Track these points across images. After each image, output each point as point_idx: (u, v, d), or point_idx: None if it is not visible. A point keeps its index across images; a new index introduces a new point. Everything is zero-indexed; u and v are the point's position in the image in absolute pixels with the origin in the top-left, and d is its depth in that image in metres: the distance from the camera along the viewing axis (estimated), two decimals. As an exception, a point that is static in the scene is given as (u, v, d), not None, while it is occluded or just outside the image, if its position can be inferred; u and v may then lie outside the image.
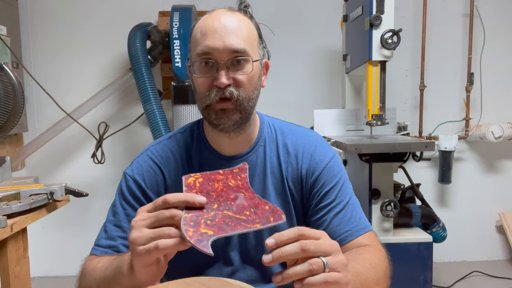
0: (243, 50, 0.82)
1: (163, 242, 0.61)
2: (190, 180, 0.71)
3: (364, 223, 0.91)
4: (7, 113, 1.57)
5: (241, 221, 0.64)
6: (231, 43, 0.81)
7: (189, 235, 0.61)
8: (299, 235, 0.61)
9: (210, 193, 0.69)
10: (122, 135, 2.69)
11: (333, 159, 0.95)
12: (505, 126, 2.63)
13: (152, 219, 0.63)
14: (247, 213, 0.66)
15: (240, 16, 0.87)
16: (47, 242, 2.76)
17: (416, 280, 1.99)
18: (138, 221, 0.64)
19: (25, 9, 2.69)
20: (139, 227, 0.63)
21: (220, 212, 0.65)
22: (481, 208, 2.85)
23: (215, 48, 0.81)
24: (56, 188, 1.36)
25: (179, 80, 2.30)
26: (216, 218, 0.64)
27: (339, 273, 0.61)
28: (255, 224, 0.64)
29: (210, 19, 0.85)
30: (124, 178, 0.93)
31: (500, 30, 2.76)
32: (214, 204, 0.67)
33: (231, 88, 0.82)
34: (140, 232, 0.63)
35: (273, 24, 2.57)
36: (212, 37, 0.82)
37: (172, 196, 0.64)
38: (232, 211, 0.66)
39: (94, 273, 0.80)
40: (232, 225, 0.63)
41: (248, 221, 0.64)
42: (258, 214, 0.66)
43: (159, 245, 0.61)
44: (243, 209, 0.67)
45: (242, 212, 0.66)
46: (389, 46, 1.90)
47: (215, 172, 0.73)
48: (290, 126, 1.00)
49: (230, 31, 0.82)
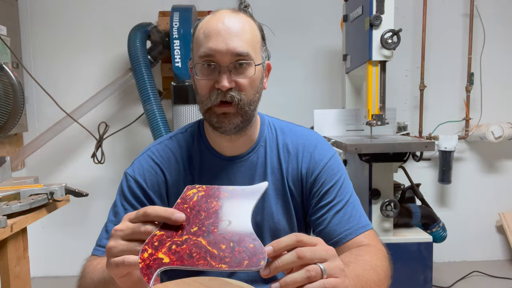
0: (246, 54, 0.82)
1: (129, 259, 0.60)
2: (190, 192, 0.66)
3: (364, 222, 0.91)
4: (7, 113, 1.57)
5: (209, 256, 0.58)
6: (234, 46, 0.81)
7: (143, 257, 0.58)
8: (297, 241, 0.60)
9: (200, 211, 0.63)
10: (122, 135, 2.69)
11: (332, 158, 0.95)
12: (505, 126, 2.63)
13: (129, 231, 0.62)
14: (222, 246, 0.59)
15: (244, 17, 0.86)
16: (47, 242, 2.76)
17: (416, 280, 1.99)
18: (117, 230, 0.63)
19: (25, 9, 2.69)
20: (116, 236, 0.62)
21: (193, 238, 0.60)
22: (481, 208, 2.85)
23: (218, 51, 0.81)
24: (56, 188, 1.36)
25: (179, 80, 2.30)
26: (184, 244, 0.59)
27: (337, 279, 0.60)
28: (222, 264, 0.57)
29: (214, 20, 0.84)
30: (125, 178, 0.93)
31: (500, 30, 2.76)
32: (195, 227, 0.61)
33: (233, 92, 0.82)
34: (115, 242, 0.62)
35: (273, 24, 2.57)
36: (215, 39, 0.81)
37: (152, 209, 0.62)
38: (207, 240, 0.60)
39: (92, 275, 0.80)
40: (196, 258, 0.58)
41: (217, 258, 0.58)
42: (235, 252, 0.58)
43: (125, 261, 0.60)
44: (222, 241, 0.59)
45: (218, 244, 0.59)
46: (389, 46, 1.90)
47: (224, 188, 0.66)
48: (290, 126, 1.00)
49: (234, 34, 0.81)
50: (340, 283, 0.60)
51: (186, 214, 0.63)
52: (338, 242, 0.88)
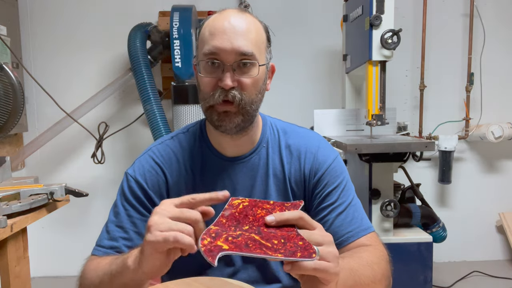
0: (251, 53, 0.82)
1: (181, 236, 0.61)
2: (236, 202, 0.71)
3: (366, 224, 0.91)
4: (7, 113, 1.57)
5: (264, 247, 0.61)
6: (239, 45, 0.81)
7: (204, 243, 0.61)
8: (299, 217, 0.64)
9: (248, 216, 0.68)
10: (122, 135, 2.69)
11: (335, 160, 0.95)
12: (505, 126, 2.63)
13: (177, 213, 0.64)
14: (275, 241, 0.62)
15: (250, 18, 0.86)
16: (47, 242, 2.76)
17: (416, 280, 1.99)
18: (162, 209, 0.65)
19: (25, 9, 2.69)
20: (162, 214, 0.64)
21: (246, 234, 0.64)
22: (481, 208, 2.85)
23: (223, 49, 0.81)
24: (56, 188, 1.36)
25: (179, 80, 2.30)
26: (239, 237, 0.63)
27: (329, 263, 0.61)
28: (277, 253, 0.60)
29: (220, 18, 0.84)
30: (125, 179, 0.93)
31: (500, 30, 2.76)
32: (246, 226, 0.66)
33: (235, 91, 0.82)
34: (162, 219, 0.63)
35: (273, 24, 2.55)
36: (220, 37, 0.81)
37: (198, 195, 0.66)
38: (260, 236, 0.63)
39: (97, 271, 0.80)
40: (252, 248, 0.61)
41: (271, 249, 0.61)
42: (287, 246, 0.61)
43: (178, 237, 0.61)
44: (273, 238, 0.63)
45: (270, 239, 0.62)
46: (389, 46, 1.90)
47: (264, 201, 0.71)
48: (293, 127, 0.99)
49: (239, 33, 0.81)
50: (331, 267, 0.61)
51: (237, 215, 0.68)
52: (340, 244, 0.88)
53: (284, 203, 0.70)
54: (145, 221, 0.89)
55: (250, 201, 0.70)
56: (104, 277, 0.76)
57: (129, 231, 0.88)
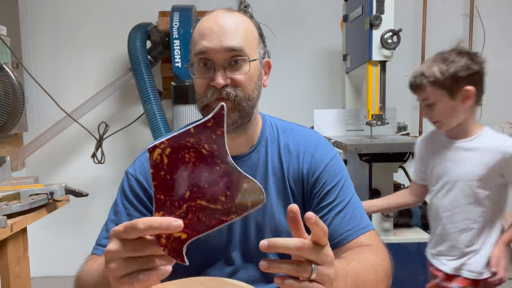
0: (240, 49, 0.82)
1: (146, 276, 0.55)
2: (156, 155, 0.58)
3: (366, 222, 0.90)
4: (7, 113, 1.57)
5: (216, 213, 0.57)
6: (227, 42, 0.81)
7: (162, 243, 0.56)
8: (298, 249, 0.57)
9: (181, 172, 0.58)
10: (122, 135, 2.69)
11: (334, 158, 0.94)
12: (505, 126, 2.63)
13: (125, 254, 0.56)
14: (222, 198, 0.57)
15: (238, 16, 0.86)
16: (47, 242, 2.76)
17: (416, 280, 1.98)
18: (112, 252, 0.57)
19: (25, 9, 2.69)
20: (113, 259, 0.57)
21: (193, 204, 0.57)
22: (481, 208, 2.84)
23: (212, 48, 0.81)
24: (56, 188, 1.36)
25: (179, 80, 2.30)
26: (189, 213, 0.57)
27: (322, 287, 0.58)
28: (231, 215, 0.56)
29: (209, 20, 0.85)
30: (126, 177, 0.93)
31: (500, 30, 2.76)
32: (186, 192, 0.58)
33: (228, 89, 0.82)
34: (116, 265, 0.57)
35: (273, 24, 2.57)
36: (209, 37, 0.82)
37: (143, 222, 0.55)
38: (205, 199, 0.57)
39: (92, 272, 0.80)
40: (206, 220, 0.57)
41: (223, 212, 0.56)
42: (235, 199, 0.57)
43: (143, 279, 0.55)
44: (217, 194, 0.57)
45: (216, 198, 0.57)
46: (389, 46, 1.90)
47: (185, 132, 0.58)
48: (292, 126, 0.99)
49: (227, 31, 0.82)
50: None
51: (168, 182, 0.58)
52: (339, 243, 0.87)
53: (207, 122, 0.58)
54: None
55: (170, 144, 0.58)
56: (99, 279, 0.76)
57: None
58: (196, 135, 0.58)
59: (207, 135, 0.58)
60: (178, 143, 0.58)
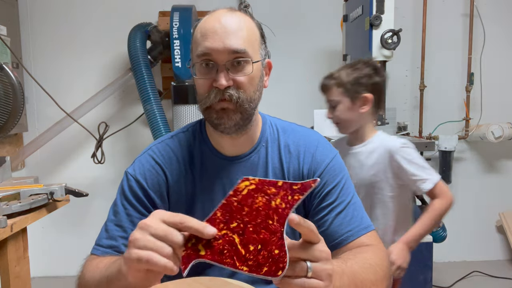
0: (243, 51, 0.81)
1: (156, 258, 0.58)
2: (243, 184, 0.66)
3: (366, 223, 0.90)
4: (7, 113, 1.57)
5: (236, 255, 0.60)
6: (230, 44, 0.81)
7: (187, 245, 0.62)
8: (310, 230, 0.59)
9: (244, 207, 0.64)
10: (122, 135, 2.69)
11: (334, 159, 0.94)
12: (505, 126, 2.63)
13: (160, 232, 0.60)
14: (251, 248, 0.60)
15: (241, 16, 0.86)
16: (47, 242, 2.76)
17: (416, 280, 1.98)
18: (147, 225, 0.61)
19: (25, 9, 2.69)
20: (144, 231, 0.60)
21: (230, 234, 0.62)
22: (481, 208, 2.85)
23: (215, 49, 0.81)
24: (56, 188, 1.36)
25: (179, 80, 2.30)
26: (221, 239, 0.62)
27: (320, 282, 0.59)
28: (244, 266, 0.59)
29: (211, 20, 0.84)
30: (125, 178, 0.93)
31: (500, 30, 2.76)
32: (235, 222, 0.63)
33: (231, 91, 0.82)
34: (142, 235, 0.60)
35: (273, 24, 2.57)
36: (211, 38, 0.81)
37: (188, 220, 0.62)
38: (240, 239, 0.61)
39: (94, 273, 0.80)
40: (225, 255, 0.61)
41: (242, 259, 0.60)
42: (259, 256, 0.59)
43: (151, 258, 0.58)
44: (252, 241, 0.61)
45: (247, 244, 0.61)
46: (389, 46, 1.91)
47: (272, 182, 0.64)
48: (292, 126, 0.99)
49: (230, 32, 0.81)
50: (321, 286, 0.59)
51: (233, 207, 0.64)
52: (340, 243, 0.87)
53: (293, 184, 0.62)
54: None
55: (258, 183, 0.65)
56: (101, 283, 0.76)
57: (128, 230, 0.88)
58: (279, 188, 0.63)
59: (286, 193, 0.62)
60: (262, 186, 0.64)
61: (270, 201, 0.63)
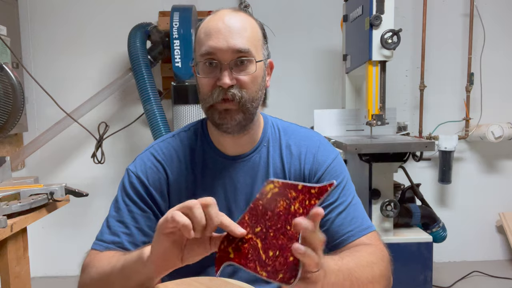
0: (247, 51, 0.82)
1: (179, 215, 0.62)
2: (268, 187, 0.67)
3: (367, 223, 0.91)
4: (7, 113, 1.57)
5: (257, 260, 0.63)
6: (234, 43, 0.81)
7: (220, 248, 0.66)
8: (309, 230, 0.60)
9: (267, 211, 0.66)
10: (122, 135, 2.69)
11: (335, 159, 0.95)
12: (505, 126, 2.63)
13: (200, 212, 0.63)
14: (270, 253, 0.62)
15: (245, 16, 0.87)
16: (47, 242, 2.76)
17: (416, 280, 1.99)
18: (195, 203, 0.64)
19: (25, 9, 2.69)
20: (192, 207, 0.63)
21: (254, 238, 0.65)
22: (481, 208, 2.85)
23: (219, 49, 0.81)
24: (56, 188, 1.36)
25: (179, 80, 2.30)
26: (247, 243, 0.65)
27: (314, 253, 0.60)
28: (263, 271, 0.62)
29: (214, 19, 0.85)
30: (127, 175, 0.93)
31: (500, 30, 2.76)
32: (259, 227, 0.65)
33: (234, 90, 0.82)
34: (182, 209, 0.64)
35: (273, 24, 2.57)
36: (215, 37, 0.82)
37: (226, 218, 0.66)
38: (263, 243, 0.64)
39: (99, 267, 0.79)
40: (249, 259, 0.64)
41: (262, 264, 0.62)
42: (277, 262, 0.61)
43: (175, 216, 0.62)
44: (272, 247, 0.63)
45: (268, 250, 0.63)
46: (389, 46, 1.90)
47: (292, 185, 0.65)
48: (294, 127, 1.00)
49: (234, 32, 0.82)
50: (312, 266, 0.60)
51: (259, 211, 0.66)
52: (341, 243, 0.87)
53: (311, 188, 0.63)
54: (146, 217, 0.89)
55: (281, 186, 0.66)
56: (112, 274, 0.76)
57: (130, 226, 0.88)
58: (298, 192, 0.64)
59: (304, 197, 0.63)
60: (285, 190, 0.65)
61: (290, 205, 0.64)
